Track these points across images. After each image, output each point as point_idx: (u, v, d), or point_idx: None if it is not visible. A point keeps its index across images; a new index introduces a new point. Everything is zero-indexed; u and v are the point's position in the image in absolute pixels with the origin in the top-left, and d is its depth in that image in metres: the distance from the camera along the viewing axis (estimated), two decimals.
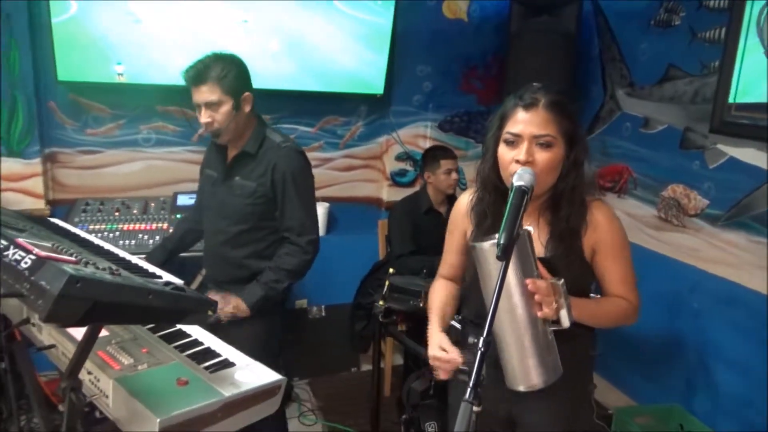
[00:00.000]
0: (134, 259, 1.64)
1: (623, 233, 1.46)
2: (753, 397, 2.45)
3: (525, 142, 1.34)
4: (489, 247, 1.28)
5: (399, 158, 3.47)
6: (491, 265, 1.29)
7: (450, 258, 1.65)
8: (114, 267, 1.39)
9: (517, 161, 1.34)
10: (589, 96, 3.34)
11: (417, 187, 3.51)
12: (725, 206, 2.56)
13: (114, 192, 2.95)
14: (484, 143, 1.49)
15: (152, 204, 2.86)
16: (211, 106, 1.90)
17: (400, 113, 3.41)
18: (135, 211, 2.78)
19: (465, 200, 1.57)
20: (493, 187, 1.45)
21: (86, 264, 1.29)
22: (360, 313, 3.37)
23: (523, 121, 1.35)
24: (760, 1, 2.35)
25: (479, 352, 1.09)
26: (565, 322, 1.26)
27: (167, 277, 1.54)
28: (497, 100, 3.55)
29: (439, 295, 1.62)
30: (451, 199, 3.23)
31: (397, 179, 3.49)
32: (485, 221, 1.47)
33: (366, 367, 3.49)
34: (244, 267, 2.07)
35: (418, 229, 3.09)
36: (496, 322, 1.32)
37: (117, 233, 2.59)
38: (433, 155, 3.13)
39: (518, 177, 1.28)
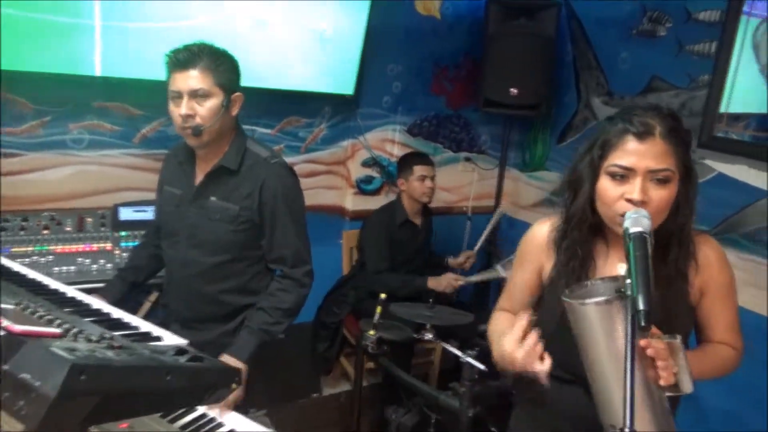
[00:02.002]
0: (114, 311, 1.28)
1: (732, 272, 1.31)
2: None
3: (638, 178, 1.13)
4: (594, 307, 1.07)
5: (365, 164, 3.20)
6: (596, 327, 1.08)
7: (517, 294, 1.43)
8: (107, 334, 1.05)
9: (629, 200, 1.13)
10: (562, 103, 3.25)
11: (383, 195, 3.28)
12: (713, 222, 2.54)
13: (38, 203, 2.45)
14: (572, 171, 1.27)
15: (89, 219, 2.40)
16: (196, 96, 1.58)
17: (368, 115, 3.14)
18: (68, 228, 2.32)
19: (542, 232, 1.35)
20: (586, 223, 1.25)
21: (76, 336, 0.95)
22: (323, 332, 3.09)
23: (637, 153, 1.14)
24: (756, 19, 2.33)
25: None
26: (688, 388, 1.08)
27: (169, 338, 1.20)
28: (467, 104, 3.38)
29: (506, 326, 1.38)
30: (426, 210, 3.03)
31: (362, 187, 3.23)
32: (573, 260, 1.26)
33: (329, 391, 3.22)
34: (221, 303, 1.75)
35: (394, 243, 2.87)
36: (603, 390, 1.13)
37: (50, 258, 2.13)
38: (407, 161, 2.93)
39: (634, 222, 1.07)
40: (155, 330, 1.21)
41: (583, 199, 1.22)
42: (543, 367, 1.16)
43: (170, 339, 1.19)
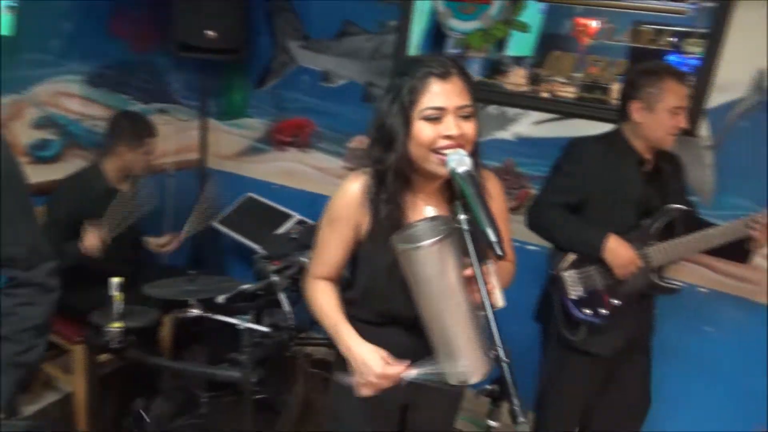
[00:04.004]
0: None
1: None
2: None
3: (450, 115, 1.21)
4: (430, 247, 1.13)
5: (38, 125, 2.56)
6: (429, 265, 1.15)
7: (333, 256, 1.40)
8: None
9: (447, 136, 1.19)
10: (258, 46, 3.15)
11: (68, 161, 2.71)
12: None
13: None
14: (380, 126, 1.27)
15: None
16: None
17: (33, 63, 2.48)
18: None
19: (355, 190, 1.33)
20: (405, 171, 1.28)
21: None
22: None
23: (444, 93, 1.21)
24: None
25: (505, 365, 0.98)
26: (502, 302, 1.24)
27: None
28: (155, 48, 2.98)
29: (332, 300, 1.40)
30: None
31: (38, 154, 2.58)
32: (395, 210, 1.30)
33: (31, 409, 2.61)
34: None
35: (94, 216, 2.38)
36: (436, 318, 1.21)
37: None
38: (135, 130, 2.51)
39: (458, 162, 1.16)
40: None
41: (402, 148, 1.25)
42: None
43: None
